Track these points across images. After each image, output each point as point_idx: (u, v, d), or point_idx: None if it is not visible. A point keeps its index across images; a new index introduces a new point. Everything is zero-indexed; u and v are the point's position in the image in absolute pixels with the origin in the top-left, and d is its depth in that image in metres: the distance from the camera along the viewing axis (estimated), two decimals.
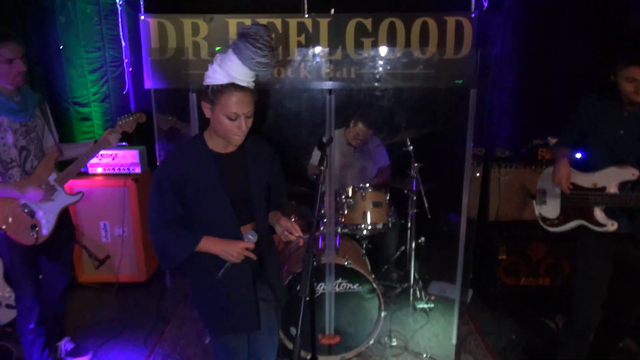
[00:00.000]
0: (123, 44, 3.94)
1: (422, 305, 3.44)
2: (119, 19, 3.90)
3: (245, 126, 1.81)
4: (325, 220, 3.00)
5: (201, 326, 3.13)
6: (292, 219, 3.44)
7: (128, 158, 3.76)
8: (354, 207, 3.19)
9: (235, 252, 1.85)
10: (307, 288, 1.63)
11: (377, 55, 2.62)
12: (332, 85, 2.63)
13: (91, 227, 3.74)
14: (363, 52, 2.62)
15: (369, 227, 3.20)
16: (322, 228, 3.11)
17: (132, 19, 3.84)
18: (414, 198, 3.39)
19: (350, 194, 3.21)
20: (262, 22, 2.58)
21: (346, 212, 3.20)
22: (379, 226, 3.22)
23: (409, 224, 3.46)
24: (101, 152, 3.60)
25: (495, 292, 3.41)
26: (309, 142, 3.81)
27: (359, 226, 3.19)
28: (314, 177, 3.61)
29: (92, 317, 3.41)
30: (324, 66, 2.62)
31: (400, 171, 3.67)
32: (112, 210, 3.69)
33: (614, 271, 2.26)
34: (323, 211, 3.06)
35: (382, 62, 2.62)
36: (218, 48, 2.59)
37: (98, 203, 3.69)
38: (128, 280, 3.80)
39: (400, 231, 3.69)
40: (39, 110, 2.54)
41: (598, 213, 2.22)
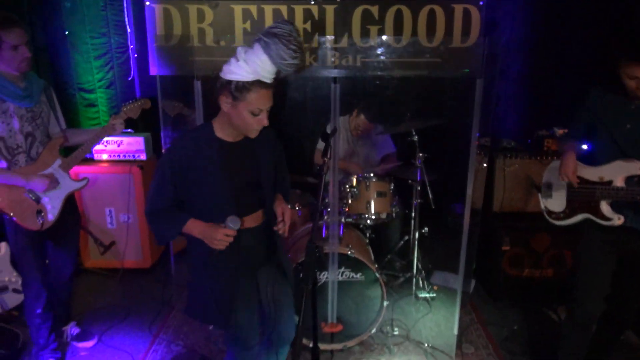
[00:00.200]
0: (128, 30, 3.93)
1: (425, 294, 3.45)
2: (124, 5, 3.89)
3: (266, 120, 1.85)
4: (329, 209, 3.01)
5: None
6: (297, 207, 3.47)
7: (133, 145, 3.77)
8: (358, 197, 3.20)
9: (214, 239, 1.85)
10: (310, 277, 1.65)
11: (384, 43, 2.59)
12: (338, 73, 2.61)
13: (97, 214, 3.77)
14: (369, 40, 2.60)
15: (373, 217, 3.21)
16: (326, 217, 3.11)
17: (138, 5, 3.83)
18: (418, 188, 3.38)
19: (354, 184, 3.21)
20: (268, 9, 2.60)
21: (350, 202, 3.20)
22: (383, 216, 3.22)
23: (413, 214, 3.46)
24: (107, 139, 3.62)
25: (498, 283, 3.41)
26: (314, 131, 3.80)
27: (363, 215, 3.20)
28: (318, 168, 3.62)
29: (98, 303, 3.45)
30: (330, 54, 2.60)
31: (404, 161, 3.66)
32: (118, 196, 3.71)
33: (618, 265, 2.25)
34: (327, 200, 3.07)
35: (389, 50, 2.59)
36: (228, 36, 2.59)
37: (103, 189, 3.70)
38: (133, 266, 3.84)
39: (403, 221, 3.68)
40: (45, 96, 2.55)
41: (604, 207, 2.21)
